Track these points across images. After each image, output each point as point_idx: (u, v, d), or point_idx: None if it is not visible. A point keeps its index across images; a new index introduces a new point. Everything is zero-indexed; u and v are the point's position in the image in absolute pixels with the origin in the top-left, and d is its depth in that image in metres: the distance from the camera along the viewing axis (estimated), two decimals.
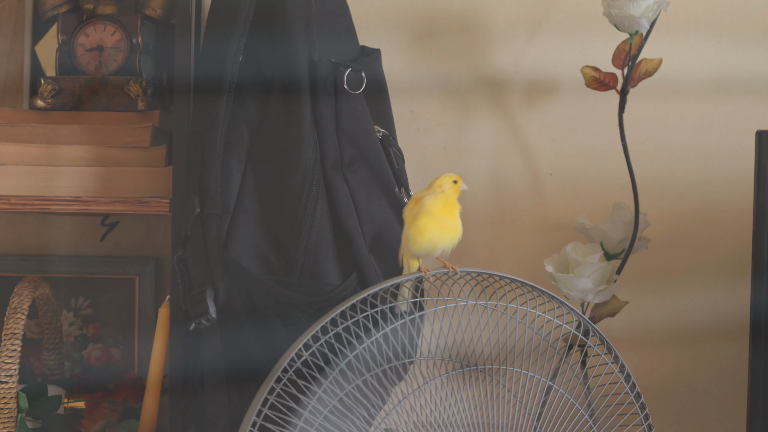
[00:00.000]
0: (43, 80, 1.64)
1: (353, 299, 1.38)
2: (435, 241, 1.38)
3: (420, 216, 1.38)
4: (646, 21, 1.65)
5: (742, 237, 1.80)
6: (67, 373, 1.83)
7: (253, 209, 1.51)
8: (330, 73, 1.53)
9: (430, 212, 1.38)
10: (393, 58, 1.82)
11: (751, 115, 1.82)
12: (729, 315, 1.83)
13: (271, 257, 1.50)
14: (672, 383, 1.84)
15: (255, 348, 1.48)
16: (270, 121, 1.52)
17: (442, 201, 1.39)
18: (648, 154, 1.82)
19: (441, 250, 1.39)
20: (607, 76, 1.70)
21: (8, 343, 1.58)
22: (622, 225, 1.72)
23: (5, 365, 1.58)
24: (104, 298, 1.84)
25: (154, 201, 1.57)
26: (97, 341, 1.84)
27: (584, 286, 1.68)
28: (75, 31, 1.67)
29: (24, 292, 1.62)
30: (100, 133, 1.61)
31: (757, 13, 1.82)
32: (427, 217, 1.37)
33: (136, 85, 1.64)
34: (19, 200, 1.57)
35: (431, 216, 1.38)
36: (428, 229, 1.37)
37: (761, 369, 1.58)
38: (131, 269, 1.83)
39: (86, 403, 1.70)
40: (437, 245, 1.38)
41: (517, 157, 1.83)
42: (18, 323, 1.59)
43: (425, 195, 1.40)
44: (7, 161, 1.59)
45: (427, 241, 1.38)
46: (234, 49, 1.51)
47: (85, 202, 1.58)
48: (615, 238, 1.72)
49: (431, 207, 1.38)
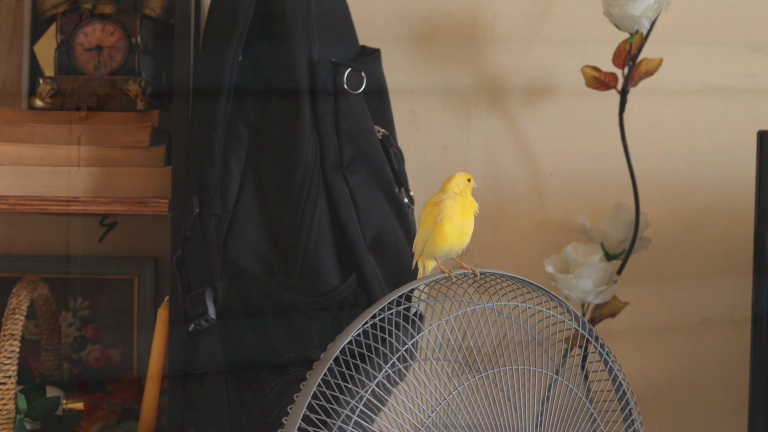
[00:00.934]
0: (41, 80, 1.64)
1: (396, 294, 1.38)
2: (453, 246, 1.40)
3: (444, 221, 1.39)
4: (646, 20, 1.65)
5: (743, 237, 1.79)
6: (66, 373, 1.83)
7: (252, 209, 1.51)
8: (330, 73, 1.53)
9: (452, 217, 1.39)
10: (393, 58, 1.82)
11: (752, 115, 1.82)
12: (730, 315, 1.82)
13: (270, 257, 1.49)
14: (673, 383, 1.83)
15: (254, 348, 1.48)
16: (270, 121, 1.52)
17: (461, 204, 1.40)
18: (648, 154, 1.82)
19: (455, 252, 1.41)
20: (607, 75, 1.70)
21: (7, 344, 1.58)
22: (622, 225, 1.72)
23: (3, 366, 1.58)
24: (103, 299, 1.83)
25: (153, 201, 1.57)
26: (96, 342, 1.84)
27: (585, 286, 1.68)
28: (74, 31, 1.66)
29: (22, 292, 1.61)
30: (99, 133, 1.60)
31: (757, 13, 1.82)
32: (450, 223, 1.39)
33: (135, 84, 1.63)
34: (17, 200, 1.57)
35: (453, 222, 1.39)
36: (451, 234, 1.39)
37: (762, 369, 1.57)
38: (130, 270, 1.83)
39: (85, 404, 1.70)
40: (454, 248, 1.40)
41: (517, 157, 1.83)
42: (16, 324, 1.59)
43: (444, 198, 1.40)
44: (5, 161, 1.59)
45: (448, 246, 1.40)
46: (233, 49, 1.51)
47: (83, 202, 1.57)
48: (615, 239, 1.72)
49: (452, 212, 1.40)
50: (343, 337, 1.34)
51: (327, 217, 1.50)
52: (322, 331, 1.47)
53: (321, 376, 1.33)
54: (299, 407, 1.32)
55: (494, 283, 1.43)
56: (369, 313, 1.35)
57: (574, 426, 1.44)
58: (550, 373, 1.42)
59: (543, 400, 1.42)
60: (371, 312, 1.35)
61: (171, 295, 1.54)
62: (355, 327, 1.35)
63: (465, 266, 1.41)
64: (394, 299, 1.36)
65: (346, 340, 1.34)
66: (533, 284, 1.44)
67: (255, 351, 1.48)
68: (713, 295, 1.83)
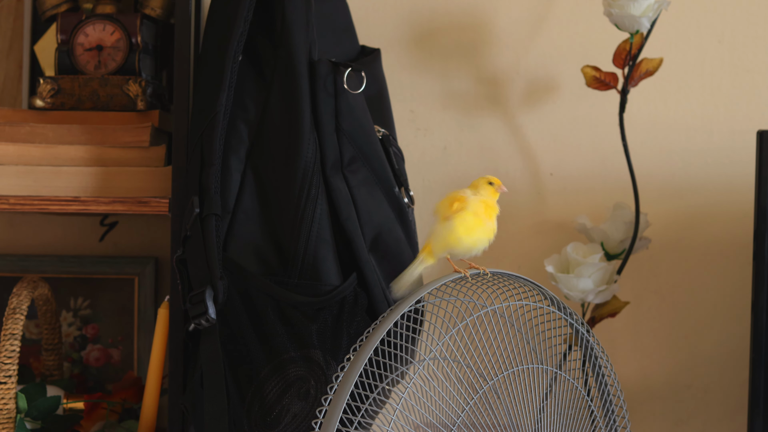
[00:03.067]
0: (42, 80, 1.64)
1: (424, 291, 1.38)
2: (477, 243, 1.38)
3: (467, 214, 1.38)
4: (646, 20, 1.65)
5: (742, 237, 1.79)
6: (66, 373, 1.83)
7: (252, 209, 1.51)
8: (330, 73, 1.53)
9: (477, 212, 1.38)
10: (393, 58, 1.82)
11: (752, 115, 1.82)
12: (730, 315, 1.82)
13: (270, 257, 1.49)
14: (673, 383, 1.83)
15: (254, 348, 1.48)
16: (270, 121, 1.52)
17: (485, 206, 1.39)
18: (648, 154, 1.82)
19: (475, 252, 1.40)
20: (607, 75, 1.70)
21: (7, 344, 1.58)
22: (622, 225, 1.72)
23: (4, 366, 1.58)
24: (103, 299, 1.84)
25: (153, 201, 1.57)
26: (96, 341, 1.84)
27: (585, 286, 1.68)
28: (74, 31, 1.66)
29: (23, 292, 1.61)
30: (99, 132, 1.60)
31: (757, 13, 1.82)
32: (475, 216, 1.38)
33: (135, 84, 1.63)
34: (18, 200, 1.57)
35: (478, 216, 1.38)
36: (476, 228, 1.38)
37: (762, 369, 1.57)
38: (130, 269, 1.83)
39: (85, 403, 1.70)
40: (476, 246, 1.39)
41: (517, 157, 1.83)
42: (17, 323, 1.59)
43: (470, 194, 1.40)
44: (6, 161, 1.59)
45: (472, 242, 1.38)
46: (233, 49, 1.51)
47: (84, 202, 1.57)
48: (615, 238, 1.72)
49: (477, 207, 1.39)
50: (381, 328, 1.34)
51: (327, 217, 1.50)
52: (322, 330, 1.47)
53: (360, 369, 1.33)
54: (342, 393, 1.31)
55: (501, 284, 1.43)
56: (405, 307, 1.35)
57: (574, 424, 1.44)
58: (554, 369, 1.43)
59: (544, 397, 1.42)
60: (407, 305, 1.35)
61: (171, 294, 1.54)
62: (386, 325, 1.35)
63: (476, 266, 1.41)
64: (421, 296, 1.37)
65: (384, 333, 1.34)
66: (535, 284, 1.44)
67: (255, 351, 1.48)
68: (713, 295, 1.83)
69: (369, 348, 1.34)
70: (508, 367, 1.39)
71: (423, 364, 1.35)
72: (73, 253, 1.85)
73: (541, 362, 1.42)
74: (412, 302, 1.37)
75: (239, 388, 1.48)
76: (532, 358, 1.41)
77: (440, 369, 1.36)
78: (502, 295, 1.43)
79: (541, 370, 1.42)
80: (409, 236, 1.57)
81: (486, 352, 1.38)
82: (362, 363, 1.33)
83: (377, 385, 1.33)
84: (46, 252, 1.85)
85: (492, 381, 1.38)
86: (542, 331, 1.44)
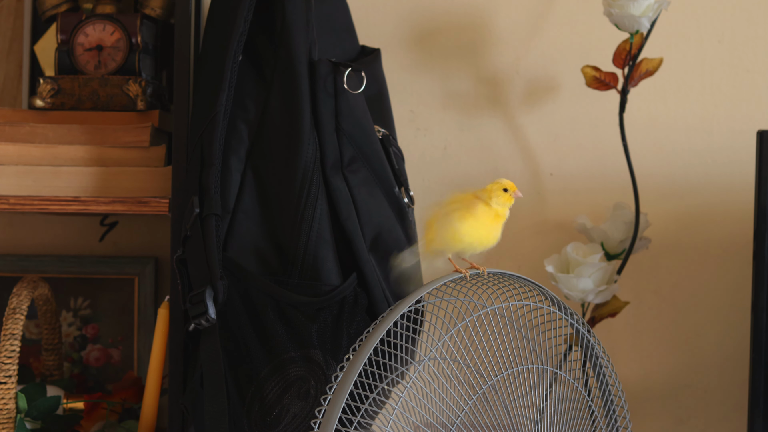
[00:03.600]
0: (42, 80, 1.64)
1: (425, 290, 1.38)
2: (483, 243, 1.38)
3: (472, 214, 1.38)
4: (646, 20, 1.65)
5: (742, 237, 1.79)
6: (66, 373, 1.83)
7: (252, 209, 1.51)
8: (330, 73, 1.53)
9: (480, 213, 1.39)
10: (393, 58, 1.82)
11: (752, 115, 1.82)
12: (730, 315, 1.82)
13: (270, 257, 1.49)
14: (673, 383, 1.83)
15: (254, 348, 1.48)
16: (270, 121, 1.52)
17: (494, 211, 1.39)
18: (648, 154, 1.82)
19: (482, 248, 1.39)
20: (607, 75, 1.70)
21: (7, 344, 1.58)
22: (622, 225, 1.72)
23: (4, 366, 1.58)
24: (103, 299, 1.84)
25: (153, 201, 1.57)
26: (96, 341, 1.84)
27: (585, 286, 1.68)
28: (74, 31, 1.66)
29: (23, 292, 1.61)
30: (99, 132, 1.60)
31: (757, 13, 1.82)
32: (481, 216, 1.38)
33: (135, 84, 1.63)
34: (18, 200, 1.57)
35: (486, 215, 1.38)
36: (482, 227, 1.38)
37: (762, 369, 1.57)
38: (130, 269, 1.83)
39: (85, 403, 1.70)
40: (485, 245, 1.39)
41: (517, 157, 1.83)
42: (17, 323, 1.59)
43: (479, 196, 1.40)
44: (5, 161, 1.59)
45: (476, 240, 1.38)
46: (233, 49, 1.51)
47: (84, 202, 1.57)
48: (615, 238, 1.72)
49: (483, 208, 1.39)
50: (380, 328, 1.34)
51: (327, 217, 1.50)
52: (322, 330, 1.47)
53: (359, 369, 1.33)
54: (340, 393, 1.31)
55: (501, 284, 1.43)
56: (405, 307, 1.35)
57: (574, 425, 1.44)
58: (554, 369, 1.43)
59: (544, 397, 1.42)
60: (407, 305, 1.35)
61: (171, 294, 1.54)
62: (386, 324, 1.35)
63: (475, 266, 1.41)
64: (421, 296, 1.37)
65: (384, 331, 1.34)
66: (535, 284, 1.44)
67: (255, 351, 1.48)
68: (713, 295, 1.83)
69: (368, 348, 1.34)
70: (508, 367, 1.39)
71: (422, 364, 1.35)
72: (73, 253, 1.85)
73: (541, 362, 1.42)
74: (411, 302, 1.37)
75: (239, 388, 1.48)
76: (533, 358, 1.41)
77: (440, 369, 1.36)
78: (503, 295, 1.43)
79: (541, 370, 1.42)
80: (409, 236, 1.57)
81: (486, 352, 1.38)
82: (361, 363, 1.33)
83: (377, 386, 1.33)
84: (46, 252, 1.85)
85: (492, 381, 1.38)
86: (543, 331, 1.44)
